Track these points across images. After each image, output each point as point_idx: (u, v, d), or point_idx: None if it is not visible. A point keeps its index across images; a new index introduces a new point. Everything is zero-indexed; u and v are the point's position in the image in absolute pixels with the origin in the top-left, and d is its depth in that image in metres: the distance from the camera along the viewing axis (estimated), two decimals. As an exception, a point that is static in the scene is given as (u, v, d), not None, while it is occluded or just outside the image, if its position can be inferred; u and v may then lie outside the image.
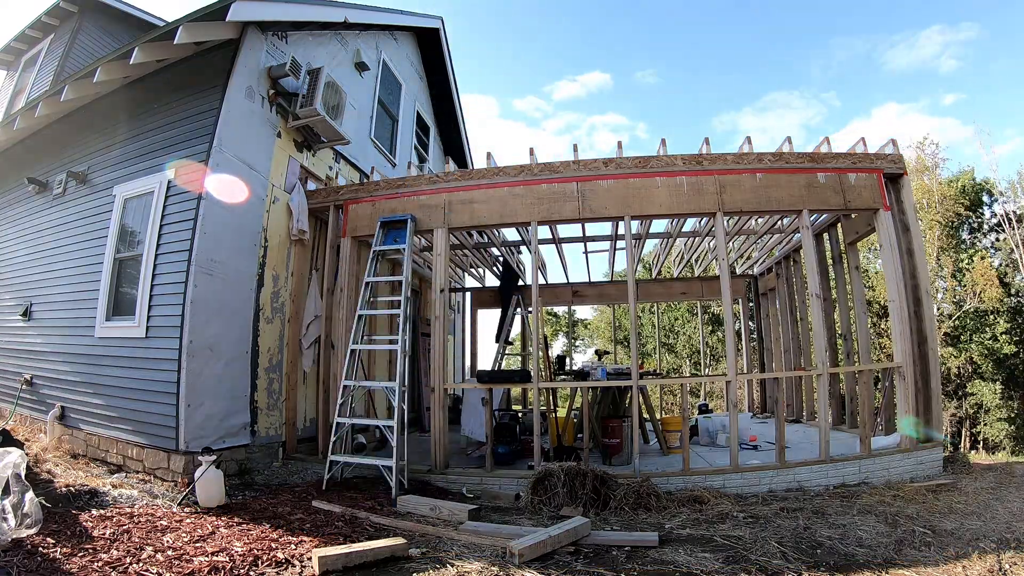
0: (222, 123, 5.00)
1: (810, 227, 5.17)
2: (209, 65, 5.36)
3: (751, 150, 5.38)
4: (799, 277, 7.82)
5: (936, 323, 5.74)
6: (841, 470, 4.58)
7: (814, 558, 2.84)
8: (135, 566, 2.65)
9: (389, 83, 8.60)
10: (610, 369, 5.95)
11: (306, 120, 5.82)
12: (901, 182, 5.28)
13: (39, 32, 8.75)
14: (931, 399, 4.89)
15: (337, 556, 2.78)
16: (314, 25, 6.45)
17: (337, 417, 4.84)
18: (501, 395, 7.21)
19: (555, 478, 4.14)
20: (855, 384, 5.99)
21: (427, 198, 5.44)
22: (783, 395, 6.42)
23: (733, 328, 5.08)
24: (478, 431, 5.56)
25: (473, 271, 10.01)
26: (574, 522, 3.30)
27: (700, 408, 8.55)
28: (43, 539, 2.89)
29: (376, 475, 4.76)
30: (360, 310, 5.14)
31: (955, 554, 2.80)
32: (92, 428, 5.17)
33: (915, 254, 5.17)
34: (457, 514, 3.75)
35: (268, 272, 5.56)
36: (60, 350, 5.68)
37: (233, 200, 5.09)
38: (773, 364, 8.77)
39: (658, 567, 2.79)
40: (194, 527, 3.34)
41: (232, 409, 4.96)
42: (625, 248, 5.38)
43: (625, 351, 21.97)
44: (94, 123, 6.22)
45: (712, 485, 4.41)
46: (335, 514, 3.82)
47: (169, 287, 4.82)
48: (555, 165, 5.29)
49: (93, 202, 5.86)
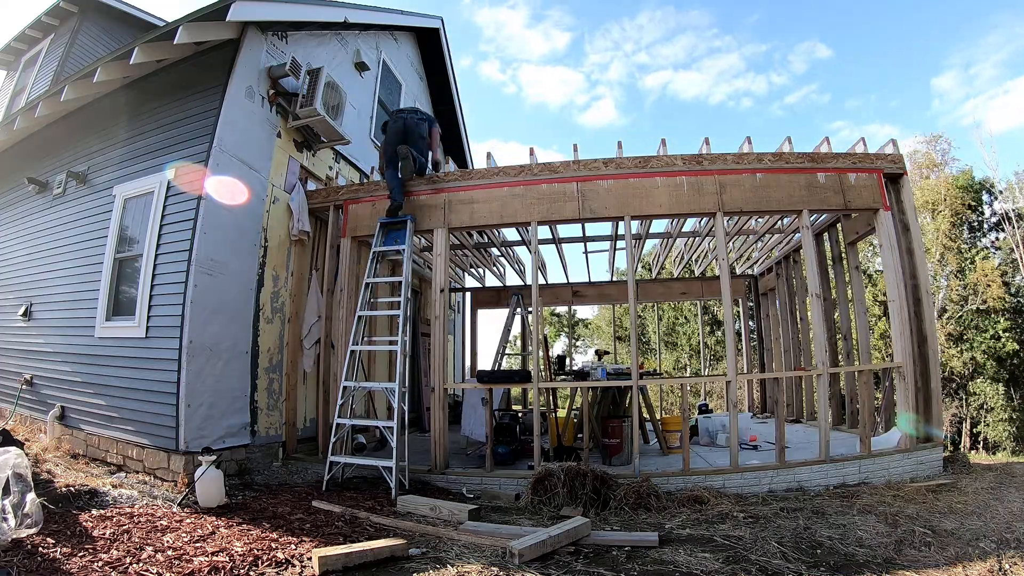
0: (222, 123, 5.00)
1: (810, 227, 5.17)
2: (209, 65, 5.36)
3: (751, 150, 5.38)
4: (799, 277, 7.82)
5: (937, 323, 5.74)
6: (841, 470, 4.58)
7: (814, 558, 2.84)
8: (135, 566, 2.65)
9: (389, 83, 8.59)
10: (610, 369, 5.94)
11: (306, 120, 5.82)
12: (901, 182, 5.28)
13: (39, 32, 8.75)
14: (931, 399, 4.89)
15: (337, 556, 2.78)
16: (314, 25, 6.44)
17: (337, 418, 4.84)
18: (501, 395, 7.21)
19: (555, 478, 4.14)
20: (855, 384, 5.99)
21: (427, 198, 5.44)
22: (783, 395, 6.41)
23: (733, 328, 5.08)
24: (478, 431, 5.57)
25: (473, 271, 10.01)
26: (574, 522, 3.30)
27: (700, 408, 8.55)
28: (43, 539, 2.89)
29: (376, 475, 4.77)
30: (360, 311, 5.14)
31: (955, 554, 2.80)
32: (92, 428, 5.17)
33: (915, 254, 5.17)
34: (457, 514, 3.75)
35: (268, 272, 5.56)
36: (60, 350, 5.68)
37: (233, 200, 5.09)
38: (773, 364, 8.77)
39: (658, 567, 2.79)
40: (194, 527, 3.34)
41: (232, 409, 4.96)
42: (625, 248, 5.38)
43: (626, 350, 21.96)
44: (94, 123, 6.22)
45: (712, 485, 4.41)
46: (335, 514, 3.82)
47: (169, 287, 4.82)
48: (555, 165, 5.29)
49: (93, 202, 5.87)
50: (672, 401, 18.60)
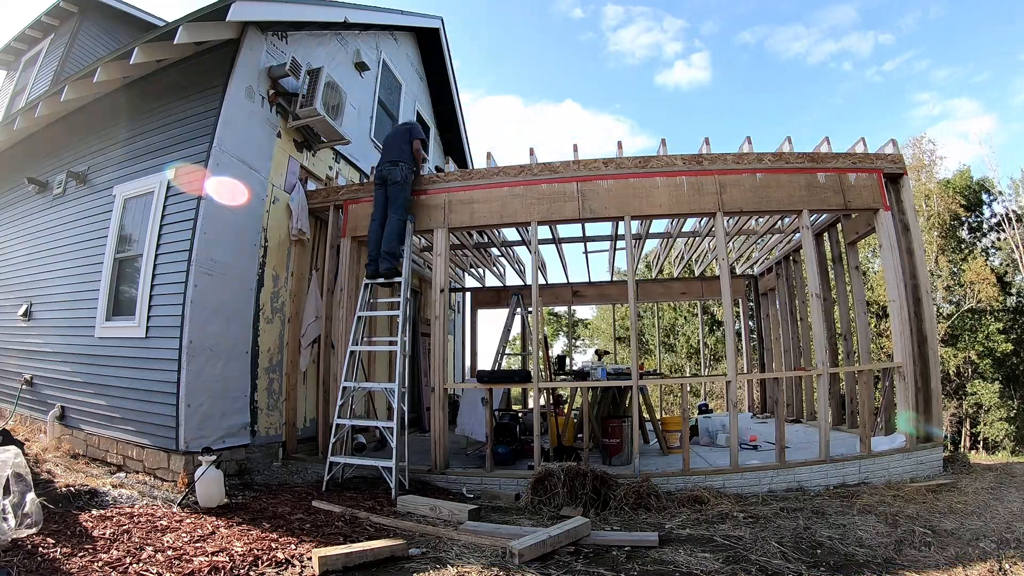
0: (222, 123, 5.00)
1: (810, 227, 5.17)
2: (209, 65, 5.36)
3: (751, 150, 5.38)
4: (799, 277, 7.82)
5: (935, 323, 5.73)
6: (841, 470, 4.58)
7: (814, 558, 2.84)
8: (135, 566, 2.65)
9: (389, 83, 8.59)
10: (610, 369, 5.94)
11: (306, 120, 5.82)
12: (901, 182, 5.28)
13: (39, 32, 8.75)
14: (931, 399, 4.89)
15: (337, 556, 2.78)
16: (314, 25, 6.44)
17: (337, 419, 4.84)
18: (501, 395, 7.21)
19: (555, 478, 4.14)
20: (855, 384, 5.99)
21: (427, 198, 5.44)
22: (783, 395, 6.41)
23: (733, 328, 5.08)
24: (478, 431, 5.56)
25: (473, 271, 10.01)
26: (574, 522, 3.30)
27: (700, 408, 8.55)
28: (43, 539, 2.89)
29: (376, 475, 4.76)
30: (359, 311, 5.14)
31: (955, 554, 2.80)
32: (92, 428, 5.17)
33: (915, 254, 5.17)
34: (457, 514, 3.75)
35: (268, 272, 5.55)
36: (60, 350, 5.68)
37: (233, 200, 5.09)
38: (773, 364, 8.77)
39: (658, 567, 2.79)
40: (194, 527, 3.34)
41: (232, 409, 4.96)
42: (625, 248, 5.38)
43: (626, 350, 21.96)
44: (94, 123, 6.22)
45: (712, 485, 4.41)
46: (335, 514, 3.82)
47: (169, 287, 4.82)
48: (555, 165, 5.29)
49: (93, 202, 5.86)
50: (672, 401, 18.60)
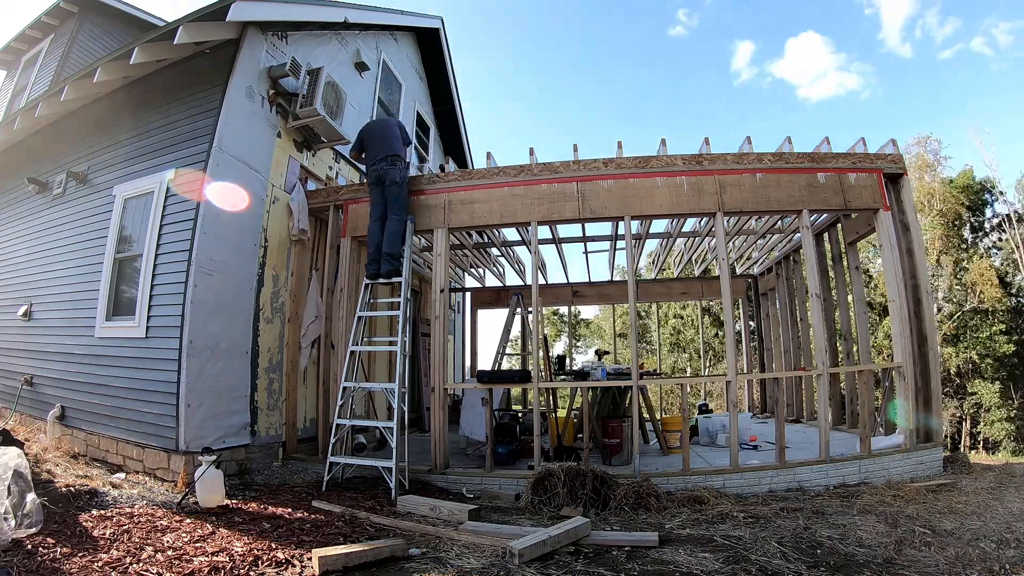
0: (222, 123, 5.00)
1: (810, 227, 5.17)
2: (209, 65, 5.36)
3: (751, 150, 5.38)
4: (799, 277, 7.82)
5: (936, 323, 5.75)
6: (841, 470, 4.58)
7: (814, 558, 2.84)
8: (135, 566, 2.65)
9: (389, 83, 8.59)
10: (610, 369, 5.94)
11: (306, 120, 5.82)
12: (901, 182, 5.28)
13: (39, 32, 8.75)
14: (931, 399, 4.89)
15: (337, 556, 2.77)
16: (314, 25, 6.44)
17: (337, 419, 4.84)
18: (501, 395, 7.21)
19: (555, 478, 4.14)
20: (855, 384, 5.99)
21: (427, 198, 5.44)
22: (783, 395, 6.42)
23: (733, 328, 5.08)
24: (478, 431, 5.56)
25: (473, 271, 10.01)
26: (574, 522, 3.30)
27: (700, 408, 8.54)
28: (43, 539, 2.88)
29: (376, 475, 4.76)
30: (359, 311, 5.14)
31: (955, 554, 2.80)
32: (92, 428, 5.17)
33: (915, 254, 5.17)
34: (457, 514, 3.74)
35: (268, 272, 5.55)
36: (60, 350, 5.68)
37: (233, 200, 5.08)
38: (773, 364, 8.77)
39: (658, 567, 2.79)
40: (194, 527, 3.34)
41: (232, 409, 4.96)
42: (625, 248, 5.38)
43: (627, 350, 21.95)
44: (94, 123, 6.22)
45: (712, 485, 4.41)
46: (335, 514, 3.82)
47: (169, 287, 4.82)
48: (555, 165, 5.29)
49: (93, 202, 5.86)
50: (672, 401, 18.61)
